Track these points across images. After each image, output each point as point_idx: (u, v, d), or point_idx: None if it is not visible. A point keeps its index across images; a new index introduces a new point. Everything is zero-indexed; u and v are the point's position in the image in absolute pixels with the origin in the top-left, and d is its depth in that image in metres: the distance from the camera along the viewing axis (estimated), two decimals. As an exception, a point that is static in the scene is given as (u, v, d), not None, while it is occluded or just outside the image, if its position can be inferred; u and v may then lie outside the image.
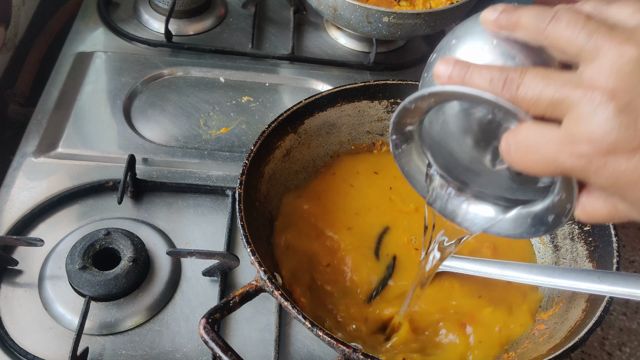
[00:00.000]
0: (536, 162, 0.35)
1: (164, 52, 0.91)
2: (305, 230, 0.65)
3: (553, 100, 0.34)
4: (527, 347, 0.57)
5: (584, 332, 0.51)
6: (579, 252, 0.62)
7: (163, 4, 0.94)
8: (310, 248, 0.64)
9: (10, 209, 0.68)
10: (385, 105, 0.73)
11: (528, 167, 0.36)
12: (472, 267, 0.61)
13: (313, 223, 0.66)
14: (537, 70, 0.35)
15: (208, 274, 0.64)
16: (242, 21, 0.99)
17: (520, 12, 0.37)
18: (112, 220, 0.68)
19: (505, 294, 0.62)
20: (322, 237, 0.65)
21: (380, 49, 0.96)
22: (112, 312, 0.60)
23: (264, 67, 0.91)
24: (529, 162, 0.36)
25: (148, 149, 0.77)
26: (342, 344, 0.47)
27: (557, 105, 0.34)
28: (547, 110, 0.35)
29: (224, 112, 0.84)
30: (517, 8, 0.37)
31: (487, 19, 0.38)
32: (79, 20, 0.94)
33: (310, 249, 0.64)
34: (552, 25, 0.35)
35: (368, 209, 0.69)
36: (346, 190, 0.70)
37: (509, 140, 0.37)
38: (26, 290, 0.62)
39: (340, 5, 0.81)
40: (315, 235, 0.65)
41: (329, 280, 0.62)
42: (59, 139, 0.76)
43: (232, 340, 0.61)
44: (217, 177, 0.75)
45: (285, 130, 0.66)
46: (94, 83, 0.84)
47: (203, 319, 0.48)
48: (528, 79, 0.35)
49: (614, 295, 0.51)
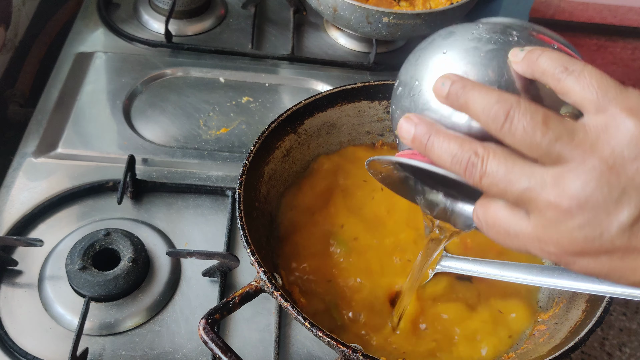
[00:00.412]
0: (509, 244, 0.37)
1: (164, 52, 0.91)
2: (306, 229, 0.65)
3: (518, 197, 0.34)
4: (527, 347, 0.57)
5: (584, 333, 0.51)
6: (579, 253, 0.62)
7: (163, 4, 0.94)
8: (311, 247, 0.64)
9: (10, 209, 0.68)
10: (385, 106, 0.72)
11: (501, 244, 0.37)
12: (472, 268, 0.61)
13: (314, 222, 0.66)
14: (500, 157, 0.34)
15: (208, 275, 0.64)
16: (242, 21, 0.99)
17: (469, 94, 0.36)
18: (112, 221, 0.68)
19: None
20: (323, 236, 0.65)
21: (380, 49, 0.96)
22: (112, 313, 0.60)
23: (264, 68, 0.91)
24: (501, 241, 0.37)
25: (148, 149, 0.77)
26: (342, 345, 0.47)
27: (522, 201, 0.34)
28: (513, 201, 0.35)
29: (224, 113, 0.84)
30: (466, 86, 0.36)
31: (437, 88, 0.38)
32: (79, 20, 0.94)
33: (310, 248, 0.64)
34: (507, 127, 0.34)
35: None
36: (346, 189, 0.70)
37: (479, 214, 0.37)
38: (26, 290, 0.62)
39: (340, 5, 0.81)
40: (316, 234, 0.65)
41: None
42: (58, 139, 0.76)
43: (232, 341, 0.61)
44: (217, 178, 0.75)
45: (285, 130, 0.66)
46: (94, 83, 0.84)
47: (203, 319, 0.48)
48: (491, 169, 0.34)
49: (614, 295, 0.51)
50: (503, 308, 0.61)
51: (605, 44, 1.86)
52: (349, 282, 0.62)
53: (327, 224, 0.66)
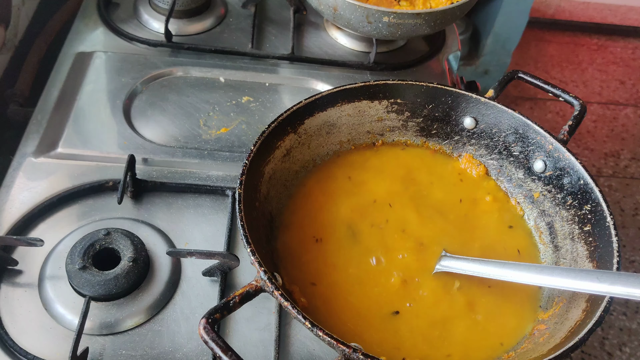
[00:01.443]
0: None
1: (164, 52, 0.91)
2: (306, 229, 0.65)
3: None
4: (527, 347, 0.57)
5: (584, 332, 0.51)
6: (579, 253, 0.62)
7: (163, 4, 0.94)
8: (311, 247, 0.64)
9: (10, 209, 0.68)
10: (385, 105, 0.73)
11: None
12: (472, 268, 0.61)
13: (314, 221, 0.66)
14: None
15: (208, 274, 0.64)
16: (242, 21, 0.99)
17: None
18: (112, 220, 0.68)
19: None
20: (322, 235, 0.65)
21: (380, 49, 0.96)
22: (112, 312, 0.60)
23: (264, 67, 0.91)
24: None
25: (148, 149, 0.77)
26: (342, 344, 0.47)
27: None
28: None
29: (224, 112, 0.84)
30: None
31: None
32: (79, 20, 0.94)
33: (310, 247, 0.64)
34: None
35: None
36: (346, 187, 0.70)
37: None
38: (26, 290, 0.62)
39: (340, 5, 0.81)
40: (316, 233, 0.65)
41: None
42: (59, 139, 0.76)
43: (232, 340, 0.61)
44: (217, 177, 0.75)
45: (285, 130, 0.66)
46: (94, 83, 0.84)
47: (203, 319, 0.48)
48: None
49: (614, 295, 0.51)
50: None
51: (606, 44, 1.86)
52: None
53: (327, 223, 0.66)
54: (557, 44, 2.34)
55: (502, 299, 0.62)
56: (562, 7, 2.25)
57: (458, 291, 0.62)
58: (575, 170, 0.65)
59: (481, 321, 0.60)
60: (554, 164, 0.67)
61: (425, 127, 0.75)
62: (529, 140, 0.69)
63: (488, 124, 0.72)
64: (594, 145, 2.12)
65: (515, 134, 0.70)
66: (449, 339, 0.59)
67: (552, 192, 0.67)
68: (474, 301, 0.62)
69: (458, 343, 0.59)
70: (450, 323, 0.60)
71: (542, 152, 0.68)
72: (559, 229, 0.66)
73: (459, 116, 0.73)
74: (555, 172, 0.67)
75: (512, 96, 2.22)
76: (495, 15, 1.82)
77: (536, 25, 2.38)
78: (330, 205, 0.68)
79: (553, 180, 0.67)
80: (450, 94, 0.72)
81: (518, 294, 0.63)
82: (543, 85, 0.72)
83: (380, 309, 0.61)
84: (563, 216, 0.66)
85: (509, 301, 0.62)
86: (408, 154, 0.75)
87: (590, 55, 2.31)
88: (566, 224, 0.65)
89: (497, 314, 0.61)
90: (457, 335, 0.59)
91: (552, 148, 0.67)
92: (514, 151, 0.71)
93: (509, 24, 1.84)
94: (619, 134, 2.16)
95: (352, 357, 0.47)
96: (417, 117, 0.74)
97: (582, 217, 0.63)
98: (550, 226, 0.67)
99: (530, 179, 0.70)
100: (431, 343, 0.59)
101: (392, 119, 0.74)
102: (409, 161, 0.74)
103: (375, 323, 0.60)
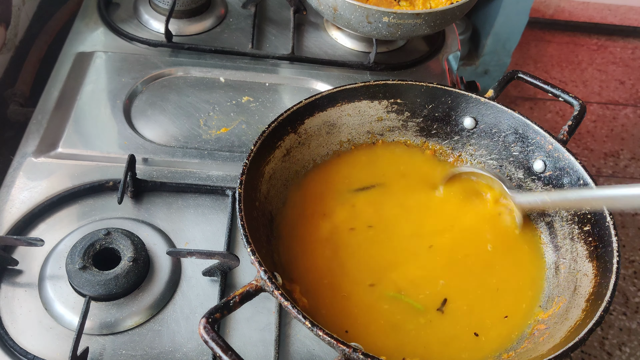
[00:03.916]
0: None
1: (164, 52, 0.91)
2: (306, 228, 0.65)
3: None
4: (527, 347, 0.57)
5: (584, 332, 0.51)
6: (579, 252, 0.62)
7: (163, 4, 0.94)
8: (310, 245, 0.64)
9: (10, 209, 0.68)
10: (385, 105, 0.73)
11: None
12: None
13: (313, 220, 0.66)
14: None
15: (208, 274, 0.65)
16: (242, 21, 0.99)
17: None
18: (112, 220, 0.68)
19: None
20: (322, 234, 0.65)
21: (380, 49, 0.96)
22: (112, 312, 0.60)
23: (264, 67, 0.91)
24: None
25: (148, 149, 0.77)
26: (342, 344, 0.47)
27: None
28: None
29: (224, 112, 0.84)
30: None
31: None
32: (79, 20, 0.94)
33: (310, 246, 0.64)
34: None
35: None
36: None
37: None
38: (26, 290, 0.62)
39: (340, 5, 0.81)
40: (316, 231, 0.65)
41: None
42: (59, 139, 0.76)
43: (232, 340, 0.61)
44: (217, 177, 0.75)
45: (285, 130, 0.66)
46: (94, 83, 0.84)
47: (203, 318, 0.48)
48: None
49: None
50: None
51: (606, 44, 1.86)
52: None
53: (327, 223, 0.66)
54: (556, 44, 2.34)
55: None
56: (562, 7, 2.25)
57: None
58: (575, 170, 0.65)
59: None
60: (554, 164, 0.67)
61: (425, 127, 0.75)
62: (529, 140, 0.69)
63: (488, 124, 0.72)
64: (594, 145, 2.12)
65: (515, 134, 0.70)
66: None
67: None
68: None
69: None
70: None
71: (542, 152, 0.68)
72: (559, 228, 0.66)
73: (458, 116, 0.73)
74: (555, 172, 0.67)
75: (512, 96, 2.22)
76: (495, 15, 1.82)
77: (536, 25, 2.38)
78: (331, 205, 0.68)
79: (553, 180, 0.67)
80: (450, 94, 0.72)
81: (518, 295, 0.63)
82: (543, 85, 0.72)
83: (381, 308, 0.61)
84: (563, 216, 0.66)
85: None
86: (408, 154, 0.75)
87: (590, 55, 2.31)
88: (566, 224, 0.65)
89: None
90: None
91: (552, 148, 0.67)
92: (514, 151, 0.71)
93: (509, 24, 1.84)
94: (618, 134, 2.16)
95: (352, 356, 0.47)
96: (417, 117, 0.74)
97: (581, 217, 0.63)
98: (550, 226, 0.67)
99: (530, 178, 0.70)
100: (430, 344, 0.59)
101: (392, 119, 0.74)
102: (408, 161, 0.74)
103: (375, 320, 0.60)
